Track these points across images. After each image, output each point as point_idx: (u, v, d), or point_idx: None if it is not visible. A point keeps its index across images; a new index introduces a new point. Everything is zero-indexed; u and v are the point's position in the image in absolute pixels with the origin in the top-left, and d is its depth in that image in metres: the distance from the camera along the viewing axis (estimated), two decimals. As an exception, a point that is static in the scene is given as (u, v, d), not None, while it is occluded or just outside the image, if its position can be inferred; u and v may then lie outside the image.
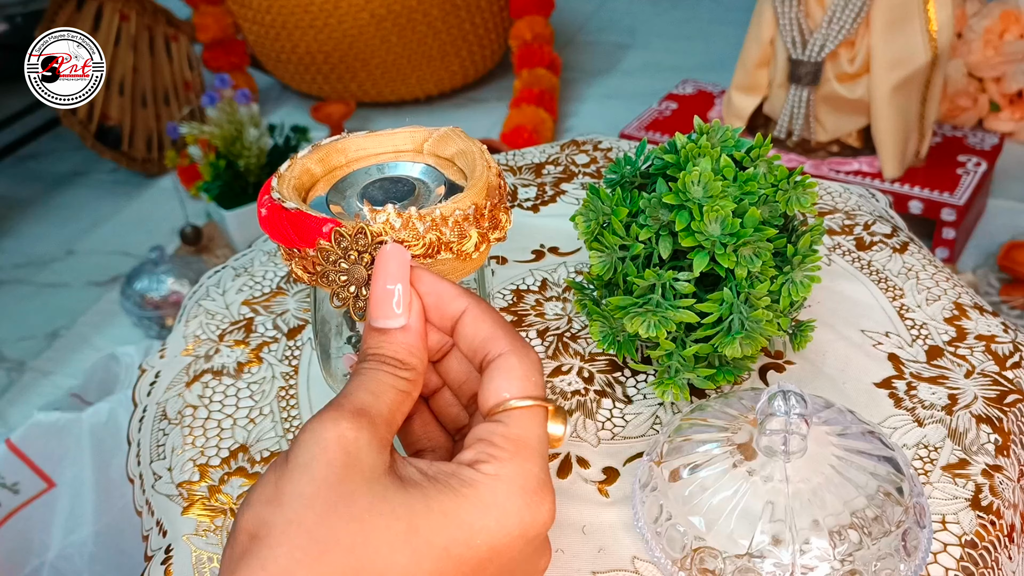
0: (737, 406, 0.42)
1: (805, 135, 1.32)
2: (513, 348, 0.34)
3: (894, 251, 0.60)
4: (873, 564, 0.38)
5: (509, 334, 0.35)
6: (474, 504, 0.31)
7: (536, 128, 1.65)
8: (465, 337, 0.35)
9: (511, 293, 0.57)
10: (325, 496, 0.30)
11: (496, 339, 0.35)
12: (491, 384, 0.34)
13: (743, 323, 0.44)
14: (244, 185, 1.52)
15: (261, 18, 1.76)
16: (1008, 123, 1.56)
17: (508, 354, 0.34)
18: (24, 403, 1.29)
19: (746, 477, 0.39)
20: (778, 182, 0.46)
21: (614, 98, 1.88)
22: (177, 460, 0.48)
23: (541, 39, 1.77)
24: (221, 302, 0.59)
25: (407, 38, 1.75)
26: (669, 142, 0.47)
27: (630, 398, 0.50)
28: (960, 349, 0.52)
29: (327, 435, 0.31)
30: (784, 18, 1.25)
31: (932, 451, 0.46)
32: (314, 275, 0.39)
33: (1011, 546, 0.44)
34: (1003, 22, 1.54)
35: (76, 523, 0.98)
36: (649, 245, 0.45)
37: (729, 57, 1.45)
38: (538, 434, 0.33)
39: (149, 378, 0.55)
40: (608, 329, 0.48)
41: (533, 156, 0.72)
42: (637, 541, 0.42)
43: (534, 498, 0.32)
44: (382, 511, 0.30)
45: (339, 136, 0.44)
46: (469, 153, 0.42)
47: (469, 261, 0.40)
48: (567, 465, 0.46)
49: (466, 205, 0.39)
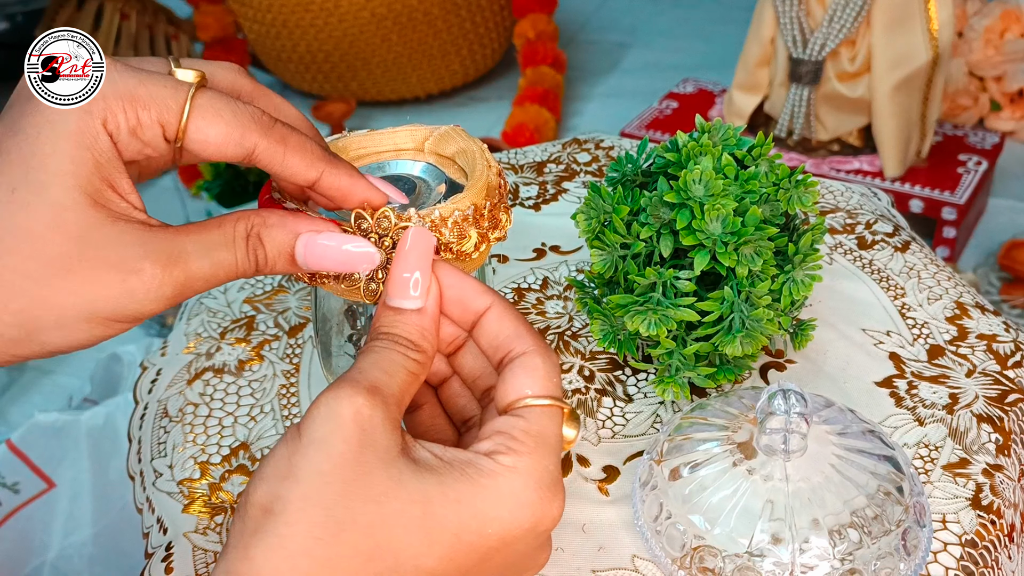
0: (737, 405, 0.42)
1: (806, 134, 1.31)
2: (537, 348, 0.35)
3: (896, 250, 0.60)
4: (873, 563, 0.38)
5: (532, 334, 0.35)
6: (490, 494, 0.31)
7: (538, 127, 1.65)
8: (488, 333, 0.36)
9: (512, 291, 0.57)
10: (343, 474, 0.30)
11: (520, 337, 0.35)
12: (513, 380, 0.34)
13: (744, 322, 0.44)
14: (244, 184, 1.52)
15: (262, 17, 1.76)
16: (1009, 122, 1.56)
17: (532, 353, 0.35)
18: (24, 402, 1.29)
19: (746, 476, 0.39)
20: (779, 181, 0.46)
21: (615, 97, 1.88)
22: (178, 457, 0.48)
23: (545, 36, 1.77)
24: (222, 300, 0.59)
25: (408, 37, 1.75)
26: (670, 140, 0.47)
27: (630, 396, 0.50)
28: (961, 348, 0.52)
29: (343, 411, 0.31)
30: (785, 17, 1.25)
31: (933, 450, 0.46)
32: (314, 276, 0.39)
33: (1011, 546, 0.44)
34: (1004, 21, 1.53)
35: (76, 523, 0.98)
36: (650, 243, 0.45)
37: (730, 56, 1.44)
38: (556, 432, 0.34)
39: (150, 375, 0.55)
40: (609, 327, 0.48)
41: (535, 154, 0.72)
42: (637, 539, 0.42)
43: (547, 493, 0.32)
44: (399, 495, 0.30)
45: (339, 135, 0.44)
46: (469, 152, 0.42)
47: (469, 261, 0.40)
48: (567, 463, 0.46)
49: (465, 206, 0.39)
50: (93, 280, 0.32)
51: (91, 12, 1.72)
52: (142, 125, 0.33)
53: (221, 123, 0.34)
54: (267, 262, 0.36)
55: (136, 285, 0.33)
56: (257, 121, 0.35)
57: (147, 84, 0.33)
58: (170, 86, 0.34)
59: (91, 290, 0.32)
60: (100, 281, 0.32)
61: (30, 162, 0.32)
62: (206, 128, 0.34)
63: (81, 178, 0.32)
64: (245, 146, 0.35)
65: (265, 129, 0.35)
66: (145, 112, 0.33)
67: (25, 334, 0.33)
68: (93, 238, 0.32)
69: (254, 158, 0.35)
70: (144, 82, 0.33)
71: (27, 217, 0.32)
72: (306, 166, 0.36)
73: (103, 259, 0.32)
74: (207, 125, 0.34)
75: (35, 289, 0.32)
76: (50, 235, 0.32)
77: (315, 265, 0.37)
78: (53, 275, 0.32)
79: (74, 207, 0.32)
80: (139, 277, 0.33)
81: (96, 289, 0.32)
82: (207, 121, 0.34)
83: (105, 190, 0.33)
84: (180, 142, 0.34)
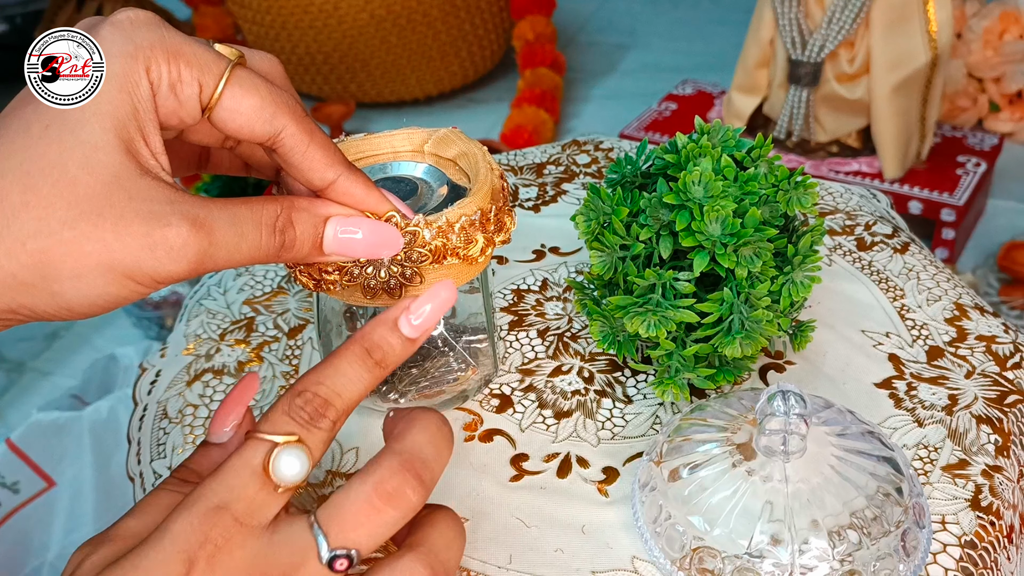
0: (737, 406, 0.42)
1: (805, 135, 1.32)
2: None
3: (895, 251, 0.60)
4: (872, 564, 0.38)
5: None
6: None
7: (536, 128, 1.65)
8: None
9: (512, 293, 0.57)
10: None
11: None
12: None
13: (743, 323, 0.44)
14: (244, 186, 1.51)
15: (261, 19, 1.76)
16: (1008, 123, 1.56)
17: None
18: (24, 403, 1.28)
19: (745, 477, 0.39)
20: (779, 182, 0.46)
21: (614, 98, 1.88)
22: (178, 459, 0.48)
23: (544, 38, 1.77)
24: (222, 301, 0.59)
25: (407, 39, 1.75)
26: (670, 142, 0.47)
27: (630, 398, 0.50)
28: (960, 350, 0.52)
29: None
30: (784, 19, 1.25)
31: (932, 451, 0.46)
32: (319, 281, 0.39)
33: (1010, 547, 0.44)
34: (1003, 22, 1.54)
35: (77, 521, 0.98)
36: (649, 245, 0.45)
37: (729, 58, 1.45)
38: None
39: (150, 377, 0.55)
40: (608, 329, 0.48)
41: (534, 156, 0.72)
42: (636, 541, 0.42)
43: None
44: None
45: (337, 140, 0.44)
46: (471, 155, 0.43)
47: (475, 264, 0.40)
48: (567, 465, 0.46)
49: (472, 210, 0.39)
50: (119, 229, 0.31)
51: (90, 13, 1.72)
52: (182, 81, 0.33)
53: (256, 97, 0.34)
54: (294, 245, 0.36)
55: (160, 240, 0.32)
56: (290, 105, 0.35)
57: (192, 45, 0.33)
58: (213, 52, 0.34)
59: (115, 239, 0.31)
60: (126, 231, 0.31)
61: None
62: (241, 97, 0.34)
63: (117, 120, 0.32)
64: (275, 125, 0.35)
65: (297, 116, 0.35)
66: (187, 69, 0.33)
67: (40, 278, 0.31)
68: (124, 185, 0.32)
69: (279, 142, 0.35)
70: (190, 42, 0.33)
71: (59, 154, 0.31)
72: (327, 164, 0.36)
73: (132, 208, 0.32)
74: (243, 95, 0.34)
75: (59, 230, 0.31)
76: (81, 175, 0.31)
77: (341, 250, 0.37)
78: (79, 217, 0.31)
79: (107, 149, 0.32)
80: (164, 232, 0.32)
81: (120, 239, 0.31)
82: (243, 91, 0.34)
83: (138, 141, 0.33)
84: (212, 110, 0.34)
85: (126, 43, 0.33)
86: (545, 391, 0.50)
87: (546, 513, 0.44)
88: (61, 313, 0.33)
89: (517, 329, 0.54)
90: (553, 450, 0.47)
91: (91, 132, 0.32)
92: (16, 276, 0.31)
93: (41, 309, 0.32)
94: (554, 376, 0.51)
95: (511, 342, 0.53)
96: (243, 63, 0.35)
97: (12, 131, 0.32)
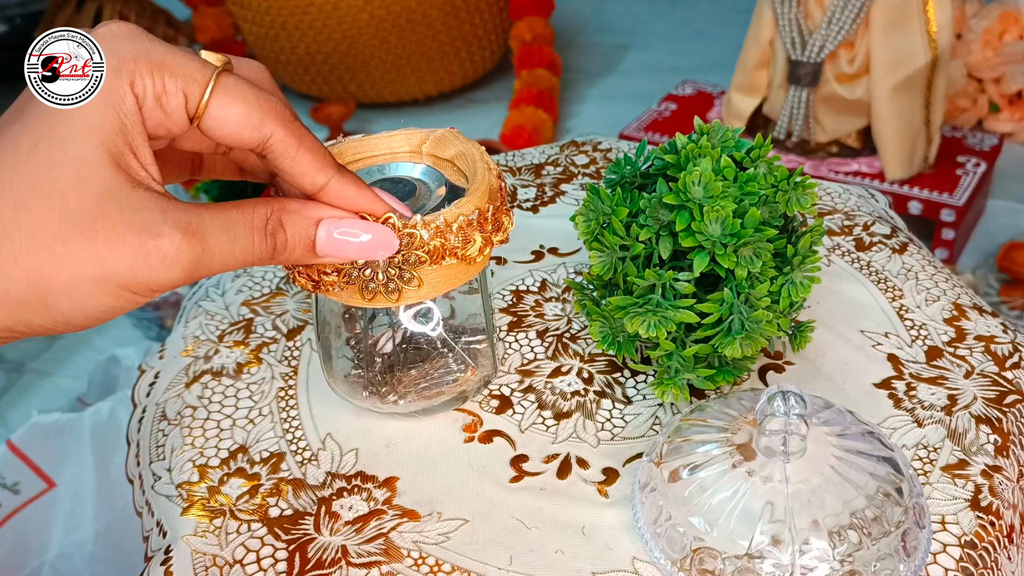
0: (737, 407, 0.42)
1: (804, 136, 1.32)
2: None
3: (893, 252, 0.60)
4: (872, 564, 0.38)
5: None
6: None
7: (536, 129, 1.65)
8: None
9: (511, 294, 0.57)
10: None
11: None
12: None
13: (743, 323, 0.44)
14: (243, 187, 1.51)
15: (260, 19, 1.76)
16: (1007, 124, 1.56)
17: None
18: (24, 404, 1.28)
19: (745, 477, 0.39)
20: (778, 183, 0.46)
21: (613, 99, 1.88)
22: (176, 461, 0.48)
23: (541, 39, 1.77)
24: (221, 303, 0.59)
25: (406, 39, 1.75)
26: (669, 142, 0.47)
27: (630, 399, 0.50)
28: (959, 350, 0.52)
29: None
30: (783, 19, 1.25)
31: (931, 451, 0.46)
32: (318, 283, 0.39)
33: (1010, 547, 0.44)
34: (1002, 23, 1.54)
35: (76, 523, 0.98)
36: (649, 245, 0.45)
37: (729, 58, 1.45)
38: None
39: (148, 378, 0.55)
40: (608, 329, 0.48)
41: (533, 157, 0.72)
42: (637, 542, 0.42)
43: None
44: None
45: (335, 141, 0.44)
46: (469, 155, 0.42)
47: (473, 264, 0.40)
48: (567, 466, 0.46)
49: (470, 210, 0.39)
50: (112, 241, 0.32)
51: (90, 14, 1.72)
52: (167, 93, 0.33)
53: (243, 104, 0.34)
54: (285, 247, 0.36)
55: (153, 250, 0.32)
56: (278, 111, 0.35)
57: (176, 55, 0.33)
58: (198, 61, 0.34)
59: (109, 250, 0.32)
60: (119, 243, 0.32)
61: (54, 116, 0.32)
62: (228, 105, 0.34)
63: (105, 136, 0.32)
64: (263, 131, 0.35)
65: (285, 121, 0.35)
66: (172, 80, 0.33)
67: (35, 295, 0.32)
68: (115, 198, 0.32)
69: (268, 147, 0.35)
70: (173, 52, 0.33)
71: (49, 170, 0.31)
72: (317, 168, 0.36)
73: (124, 220, 0.32)
74: (229, 103, 0.34)
75: (51, 244, 0.31)
76: (72, 190, 0.31)
77: (335, 252, 0.37)
78: (72, 232, 0.31)
79: (96, 164, 0.32)
80: (158, 242, 0.32)
81: (114, 251, 0.32)
82: (229, 99, 0.34)
83: (127, 154, 0.33)
84: (200, 119, 0.34)
85: (110, 57, 0.33)
86: (544, 392, 0.50)
87: (546, 514, 0.44)
88: (58, 327, 0.33)
89: (516, 330, 0.54)
90: (553, 451, 0.47)
91: (80, 148, 0.32)
92: (10, 293, 0.31)
93: (38, 324, 0.33)
94: (553, 377, 0.51)
95: (510, 343, 0.53)
96: (229, 69, 0.35)
97: (1, 149, 0.32)
